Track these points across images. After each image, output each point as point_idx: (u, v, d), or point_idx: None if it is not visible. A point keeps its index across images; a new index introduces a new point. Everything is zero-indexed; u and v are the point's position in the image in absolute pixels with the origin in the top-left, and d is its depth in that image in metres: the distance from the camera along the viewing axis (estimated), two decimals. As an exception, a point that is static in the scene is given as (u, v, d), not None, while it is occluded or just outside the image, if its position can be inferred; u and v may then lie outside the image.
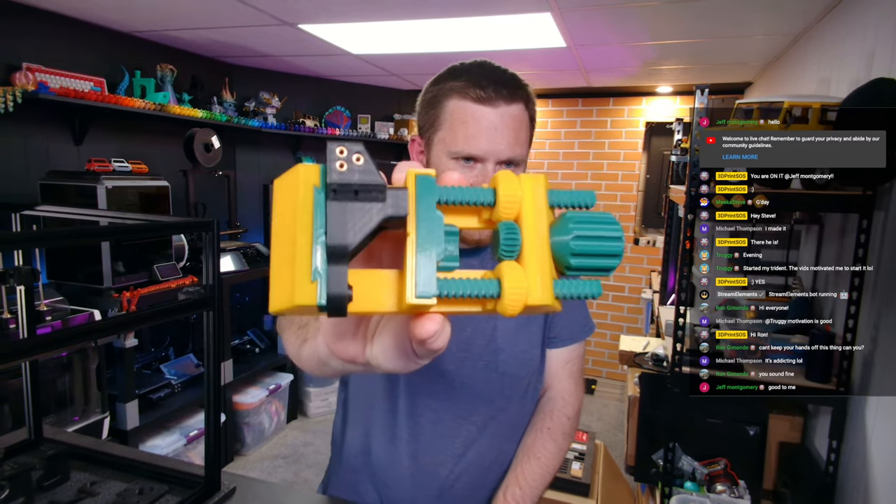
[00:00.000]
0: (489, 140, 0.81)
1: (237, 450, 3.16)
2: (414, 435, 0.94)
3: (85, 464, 1.07)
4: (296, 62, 3.50)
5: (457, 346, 0.93)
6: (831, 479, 1.58)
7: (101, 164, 2.47)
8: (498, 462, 0.99)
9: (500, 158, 0.83)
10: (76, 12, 2.50)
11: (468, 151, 0.82)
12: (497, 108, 0.82)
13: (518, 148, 0.84)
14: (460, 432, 0.95)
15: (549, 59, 3.17)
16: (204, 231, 0.89)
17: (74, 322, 2.13)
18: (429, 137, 0.87)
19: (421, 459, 0.94)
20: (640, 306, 4.17)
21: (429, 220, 0.28)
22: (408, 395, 0.94)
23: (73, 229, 1.09)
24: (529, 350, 0.97)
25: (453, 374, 0.93)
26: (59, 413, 2.20)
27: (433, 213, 0.28)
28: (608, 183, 4.21)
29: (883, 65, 1.52)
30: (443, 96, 0.84)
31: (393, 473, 0.96)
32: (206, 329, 0.92)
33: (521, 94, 0.84)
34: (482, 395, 0.95)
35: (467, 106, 0.82)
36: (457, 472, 0.95)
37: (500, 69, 0.85)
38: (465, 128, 0.82)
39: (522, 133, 0.85)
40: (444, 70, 0.87)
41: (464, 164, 0.83)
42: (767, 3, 2.06)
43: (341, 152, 0.27)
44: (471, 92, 0.81)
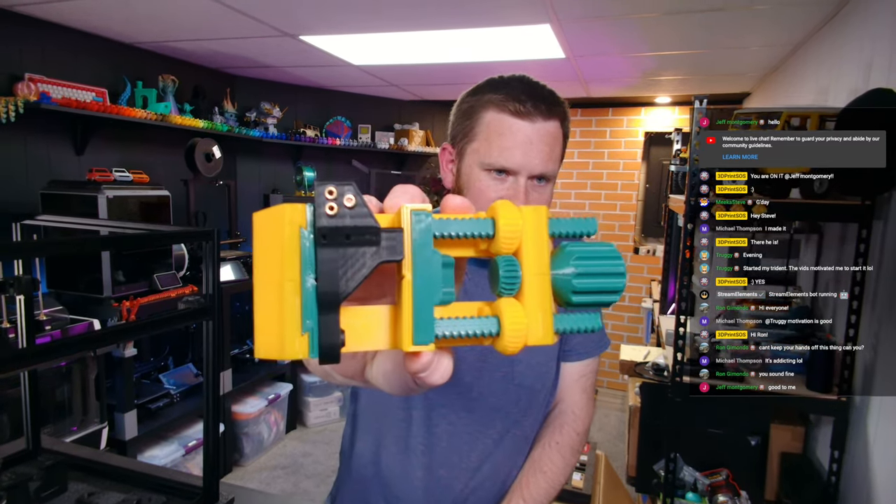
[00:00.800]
0: (524, 154, 0.82)
1: (236, 460, 3.15)
2: (428, 446, 0.92)
3: (83, 474, 1.06)
4: (297, 73, 3.52)
5: (474, 356, 0.92)
6: (833, 490, 1.57)
7: (102, 173, 2.47)
8: (512, 477, 0.97)
9: (532, 173, 0.83)
10: (78, 23, 2.52)
11: (502, 164, 0.82)
12: (534, 123, 0.82)
13: (551, 164, 0.84)
14: (476, 445, 0.93)
15: (549, 70, 3.19)
16: (204, 240, 0.90)
17: (74, 331, 2.12)
18: (462, 147, 0.88)
19: (435, 472, 0.93)
20: (640, 315, 4.16)
21: (426, 262, 0.27)
22: (424, 405, 0.92)
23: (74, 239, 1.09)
24: (546, 362, 0.96)
25: (471, 384, 0.92)
26: (57, 423, 2.19)
27: (430, 253, 0.27)
28: (608, 192, 4.22)
29: (880, 75, 1.53)
30: (480, 107, 0.85)
31: (405, 486, 0.94)
32: (205, 338, 0.92)
33: (559, 110, 0.85)
34: (499, 407, 0.93)
35: (505, 119, 0.82)
36: (472, 485, 0.93)
37: (539, 85, 0.85)
38: (500, 140, 0.82)
39: (556, 149, 0.85)
40: (482, 81, 0.87)
41: (496, 176, 0.83)
42: (766, 14, 2.07)
43: (330, 193, 0.25)
44: (509, 105, 0.82)
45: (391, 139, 4.15)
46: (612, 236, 4.24)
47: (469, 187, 0.86)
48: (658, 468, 1.82)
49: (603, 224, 4.25)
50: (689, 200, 1.60)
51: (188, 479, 1.04)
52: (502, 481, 0.96)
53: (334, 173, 4.18)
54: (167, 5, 2.22)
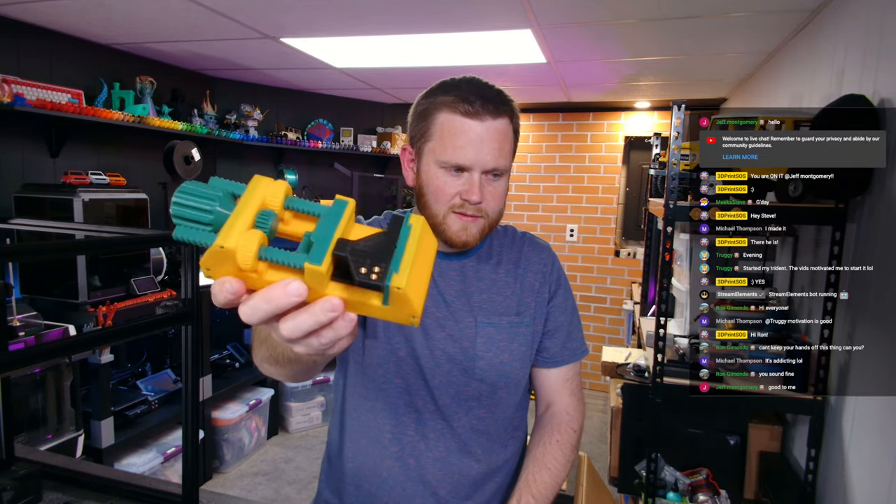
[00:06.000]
0: (476, 151, 0.88)
1: (216, 467, 3.10)
2: (397, 435, 0.97)
3: (58, 484, 1.04)
4: (278, 75, 3.50)
5: (441, 352, 0.96)
6: (811, 488, 1.60)
7: (77, 176, 2.43)
8: (484, 474, 1.00)
9: (485, 168, 0.89)
10: (54, 24, 2.48)
11: (456, 161, 0.88)
12: (483, 122, 0.88)
13: (502, 159, 0.90)
14: (444, 436, 0.97)
15: (530, 75, 3.21)
16: (182, 244, 0.88)
17: (48, 338, 2.08)
18: (419, 147, 0.93)
19: (405, 462, 0.96)
20: (621, 317, 4.20)
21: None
22: (390, 397, 0.96)
23: (48, 243, 1.07)
24: (510, 362, 0.99)
25: (433, 376, 0.96)
26: (31, 431, 2.14)
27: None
28: (588, 196, 4.26)
29: (853, 81, 1.57)
30: (434, 109, 0.90)
31: (375, 478, 0.98)
32: (184, 344, 0.91)
33: (506, 108, 0.91)
34: (461, 400, 0.97)
35: (456, 119, 0.88)
36: (439, 476, 0.97)
37: (488, 85, 0.91)
38: (453, 139, 0.88)
39: (506, 145, 0.91)
40: (435, 84, 0.93)
41: (452, 173, 0.90)
42: (741, 22, 2.12)
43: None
44: (460, 107, 0.88)
45: (374, 142, 4.15)
46: (594, 239, 4.28)
47: (428, 184, 0.92)
48: (639, 469, 1.83)
49: (584, 227, 4.29)
50: (669, 203, 1.62)
51: (167, 487, 1.03)
52: (473, 478, 0.99)
53: (316, 176, 4.15)
54: (144, 7, 2.19)
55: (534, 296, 1.01)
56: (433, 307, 0.96)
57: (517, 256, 1.03)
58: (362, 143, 4.12)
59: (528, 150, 4.38)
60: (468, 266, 1.00)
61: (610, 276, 4.27)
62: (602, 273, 4.29)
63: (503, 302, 0.99)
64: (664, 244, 1.67)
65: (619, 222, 4.26)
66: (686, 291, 1.92)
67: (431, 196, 0.91)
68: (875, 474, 1.29)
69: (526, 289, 1.01)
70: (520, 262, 1.03)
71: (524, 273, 1.02)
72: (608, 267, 4.27)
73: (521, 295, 1.01)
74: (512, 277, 1.01)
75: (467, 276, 0.99)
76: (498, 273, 1.01)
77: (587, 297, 4.33)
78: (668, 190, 1.62)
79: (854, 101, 1.39)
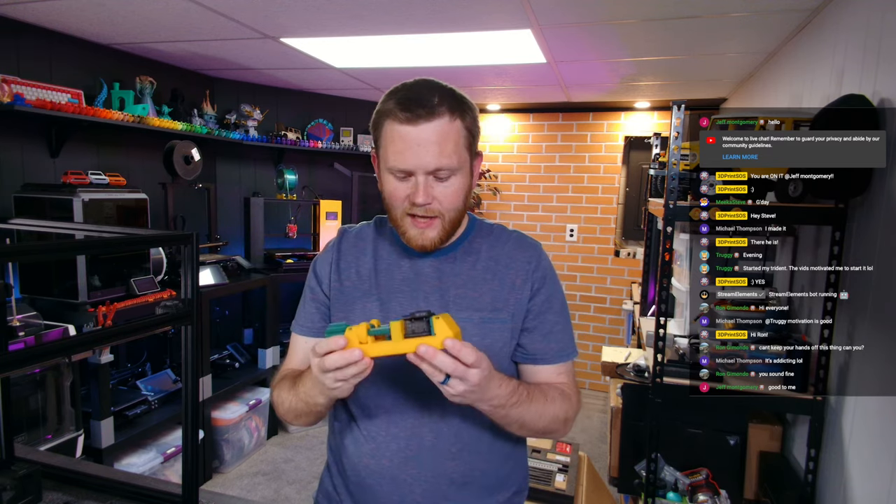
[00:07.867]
0: (414, 155, 0.92)
1: (216, 467, 3.10)
2: (372, 434, 1.00)
3: (58, 484, 1.04)
4: (278, 75, 3.50)
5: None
6: (811, 488, 1.60)
7: (77, 176, 2.43)
8: (463, 476, 1.00)
9: (427, 170, 0.92)
10: (54, 24, 2.48)
11: (399, 166, 0.93)
12: (418, 126, 0.91)
13: (444, 158, 0.92)
14: (418, 433, 0.99)
15: (530, 75, 3.21)
16: (183, 244, 0.89)
17: (48, 338, 2.08)
18: (377, 154, 1.00)
19: (380, 461, 0.99)
20: (621, 317, 4.20)
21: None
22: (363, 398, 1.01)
23: (48, 243, 1.07)
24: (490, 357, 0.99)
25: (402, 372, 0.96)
26: (31, 431, 2.14)
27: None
28: (588, 196, 4.26)
29: (853, 81, 1.57)
30: (379, 118, 0.96)
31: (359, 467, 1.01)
32: (184, 344, 0.90)
33: (442, 109, 0.92)
34: (435, 397, 0.95)
35: (395, 126, 0.92)
36: (413, 474, 0.98)
37: (425, 88, 0.94)
38: (394, 146, 0.93)
39: (449, 144, 0.93)
40: (388, 90, 0.97)
41: (400, 178, 0.95)
42: (742, 22, 2.12)
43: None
44: (398, 114, 0.92)
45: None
46: (594, 239, 4.28)
47: (384, 190, 0.98)
48: (639, 468, 1.83)
49: (584, 227, 4.29)
50: (669, 203, 1.62)
51: (167, 487, 1.03)
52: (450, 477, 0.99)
53: (316, 176, 4.15)
54: (144, 6, 2.18)
55: (514, 293, 1.01)
56: (408, 304, 0.99)
57: (499, 254, 1.04)
58: (362, 143, 4.11)
59: (528, 150, 4.38)
60: (445, 263, 1.02)
61: (610, 276, 4.27)
62: (602, 273, 4.29)
63: (478, 298, 1.00)
64: (664, 244, 1.67)
65: (619, 222, 4.25)
66: (686, 291, 1.92)
67: (387, 201, 0.98)
68: (875, 474, 1.29)
69: (506, 286, 1.01)
70: (500, 260, 1.03)
71: (504, 270, 1.02)
72: (608, 267, 4.27)
73: (499, 291, 1.01)
74: (490, 274, 1.02)
75: (444, 273, 1.01)
76: (475, 269, 1.02)
77: (587, 297, 4.33)
78: (668, 190, 1.62)
79: (854, 101, 1.39)
